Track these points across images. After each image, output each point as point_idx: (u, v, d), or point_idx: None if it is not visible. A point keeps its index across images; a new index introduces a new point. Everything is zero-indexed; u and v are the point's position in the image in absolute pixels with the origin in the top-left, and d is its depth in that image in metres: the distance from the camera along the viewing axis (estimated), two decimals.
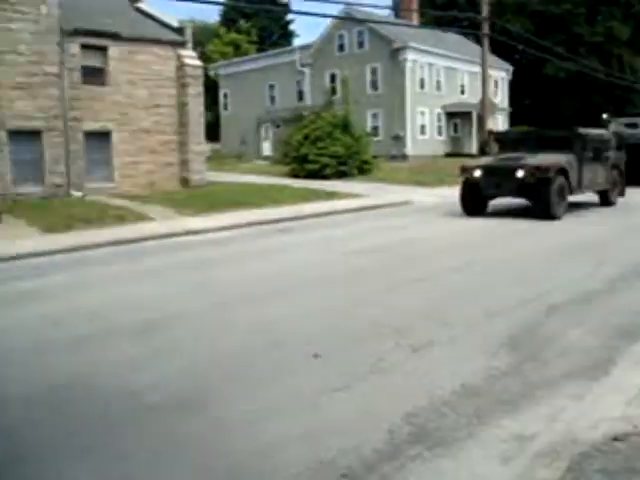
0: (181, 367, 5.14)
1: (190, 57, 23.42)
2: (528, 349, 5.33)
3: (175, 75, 23.11)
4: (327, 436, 3.90)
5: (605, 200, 16.88)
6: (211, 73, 49.18)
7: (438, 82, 38.71)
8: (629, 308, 6.63)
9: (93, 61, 21.26)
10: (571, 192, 14.71)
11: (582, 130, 15.70)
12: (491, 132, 18.06)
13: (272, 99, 44.05)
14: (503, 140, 17.56)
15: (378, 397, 4.43)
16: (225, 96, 47.74)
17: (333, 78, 38.91)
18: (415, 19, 42.24)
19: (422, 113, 37.19)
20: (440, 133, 38.70)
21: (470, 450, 3.69)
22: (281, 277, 8.74)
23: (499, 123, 41.86)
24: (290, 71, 42.04)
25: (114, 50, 21.52)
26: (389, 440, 3.82)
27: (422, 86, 37.34)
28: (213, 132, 49.39)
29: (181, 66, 23.06)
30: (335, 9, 60.94)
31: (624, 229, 13.03)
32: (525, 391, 4.46)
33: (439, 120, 38.62)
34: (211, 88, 50.69)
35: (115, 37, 21.45)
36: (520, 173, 13.95)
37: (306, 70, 41.04)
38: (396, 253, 10.32)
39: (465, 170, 15.35)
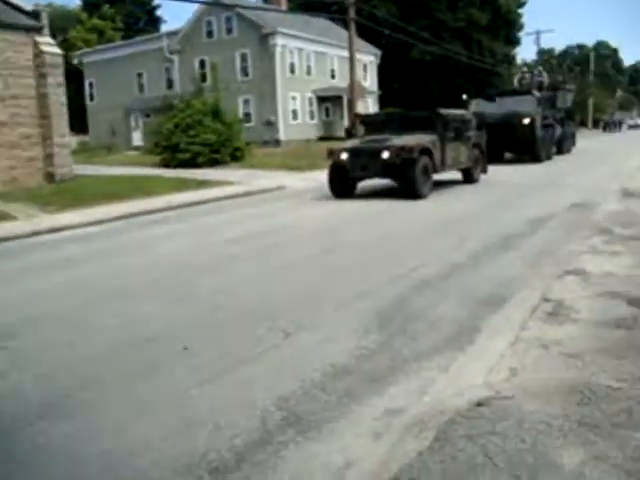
0: (43, 373, 4.81)
1: (48, 44, 22.11)
2: (397, 325, 5.44)
3: (33, 64, 21.74)
4: (198, 430, 3.78)
5: (468, 178, 17.51)
6: (74, 61, 46.94)
7: (308, 67, 38.99)
8: (492, 280, 6.94)
9: None
10: (435, 171, 15.15)
11: (443, 111, 16.12)
12: (357, 115, 18.22)
13: (141, 87, 42.72)
14: (369, 123, 17.71)
15: (250, 385, 4.36)
16: (91, 85, 45.82)
17: (202, 65, 38.22)
18: (283, 4, 42.22)
19: (293, 98, 37.35)
20: (312, 117, 39.05)
21: (342, 430, 3.70)
22: (148, 270, 8.42)
23: (369, 106, 42.78)
24: (158, 58, 40.89)
25: None
26: (261, 427, 3.76)
27: (292, 71, 37.47)
28: (81, 123, 47.25)
29: (39, 54, 21.70)
30: None
31: (487, 204, 13.54)
32: (395, 366, 4.53)
33: (311, 104, 38.95)
34: (75, 77, 48.42)
35: None
36: (385, 154, 14.17)
37: (175, 57, 40.08)
38: (268, 239, 10.24)
39: (332, 153, 15.43)
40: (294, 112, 37.41)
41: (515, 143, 24.78)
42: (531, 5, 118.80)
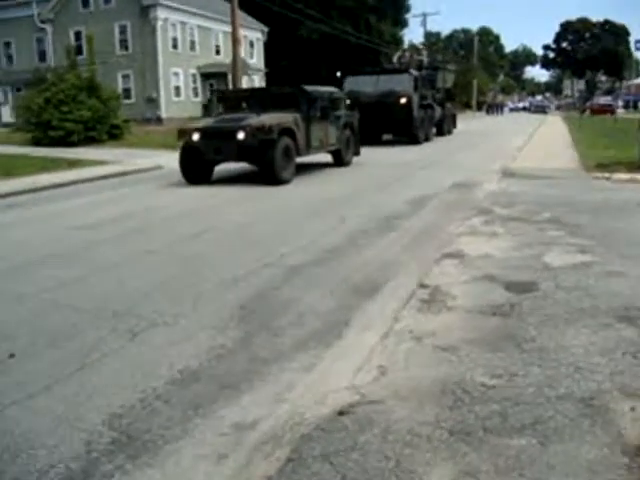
0: None
1: None
2: (260, 319, 4.91)
3: None
4: (9, 460, 3.11)
5: (339, 160, 16.26)
6: None
7: (192, 42, 37.59)
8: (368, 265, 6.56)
9: None
10: (299, 154, 13.84)
11: (308, 88, 14.86)
12: (214, 91, 17.01)
13: (9, 58, 39.74)
14: (227, 99, 16.15)
15: (81, 399, 3.69)
16: None
17: (78, 36, 35.91)
18: None
19: (176, 74, 35.91)
20: (196, 94, 37.75)
21: (181, 452, 3.14)
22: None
23: (255, 84, 41.94)
24: (29, 27, 38.11)
25: None
26: (84, 455, 3.13)
27: (175, 46, 35.99)
28: None
29: None
30: None
31: (360, 187, 12.84)
32: (251, 369, 4.01)
33: (194, 81, 37.63)
34: None
35: None
36: (241, 135, 12.56)
37: (47, 27, 37.50)
38: (130, 224, 9.32)
39: (183, 133, 13.68)
40: (177, 89, 35.97)
41: (391, 124, 23.63)
42: None
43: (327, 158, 16.43)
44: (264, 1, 33.52)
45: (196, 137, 13.21)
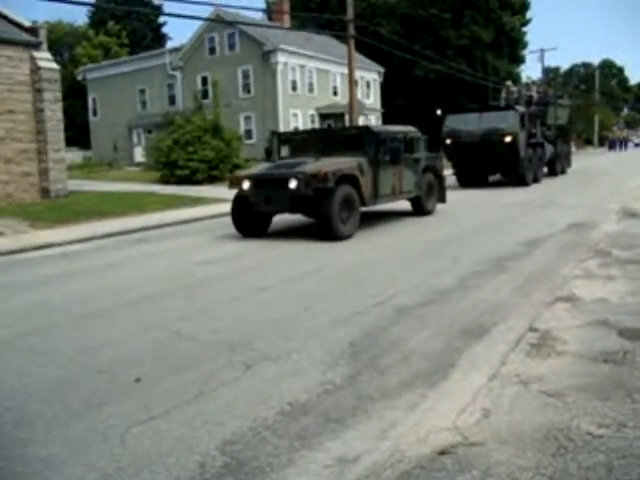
0: None
1: (45, 60, 21.97)
2: (368, 357, 5.05)
3: (29, 79, 21.60)
4: (130, 475, 3.42)
5: (419, 208, 14.51)
6: (79, 77, 47.05)
7: (310, 84, 38.83)
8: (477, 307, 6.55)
9: None
10: (364, 203, 12.25)
11: (377, 127, 13.99)
12: (274, 132, 15.54)
13: (143, 104, 42.64)
14: (290, 142, 14.47)
15: (197, 424, 3.97)
16: (94, 101, 45.77)
17: (205, 81, 38.10)
18: (287, 21, 42.19)
19: (295, 115, 37.14)
20: None
21: None
22: (118, 293, 7.97)
23: (372, 124, 42.59)
24: (161, 75, 40.86)
25: None
26: (198, 475, 3.39)
27: (294, 88, 37.30)
28: (86, 139, 47.26)
29: (36, 69, 21.58)
30: (206, 11, 59.93)
31: (460, 230, 12.33)
32: (357, 405, 4.15)
33: (313, 122, 38.72)
34: (80, 93, 48.52)
35: None
36: (293, 183, 11.21)
37: (177, 73, 40.01)
38: (246, 261, 9.86)
39: (234, 181, 12.42)
40: (296, 129, 37.23)
41: (496, 164, 22.24)
42: (535, 23, 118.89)
43: (406, 205, 14.89)
44: (380, 43, 34.13)
45: (246, 186, 11.94)
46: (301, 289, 7.77)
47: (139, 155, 40.43)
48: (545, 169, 25.95)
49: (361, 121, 27.09)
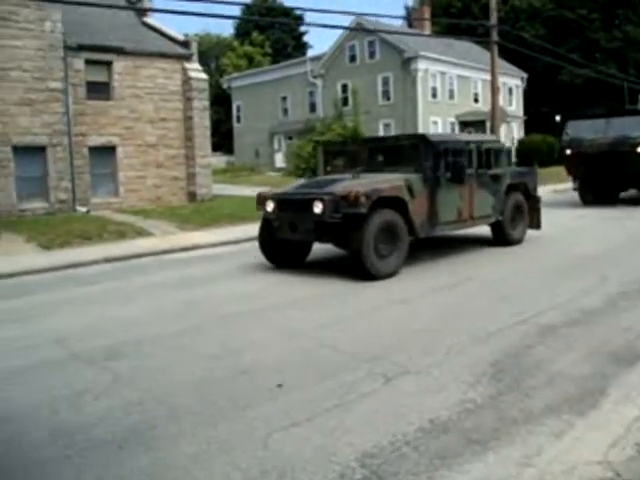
0: (134, 399, 4.78)
1: (195, 70, 23.25)
2: (511, 378, 4.89)
3: (181, 89, 22.97)
4: (270, 479, 3.53)
5: (500, 237, 11.79)
6: (224, 86, 49.31)
7: (451, 91, 38.30)
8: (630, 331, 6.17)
9: (98, 76, 21.16)
10: (414, 233, 9.85)
11: (435, 136, 11.13)
12: (318, 143, 12.88)
13: (285, 111, 43.92)
14: (339, 154, 12.12)
15: (338, 434, 4.03)
16: (238, 109, 47.74)
17: (345, 89, 38.64)
18: (427, 28, 41.92)
19: (435, 123, 36.77)
20: None
21: None
22: (261, 298, 8.33)
23: (514, 132, 41.35)
24: (302, 82, 41.89)
25: (119, 64, 21.41)
26: None
27: (434, 95, 36.94)
28: (229, 144, 49.47)
29: (187, 80, 22.91)
30: (347, 20, 60.88)
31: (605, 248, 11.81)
32: (499, 427, 4.03)
33: (453, 130, 38.15)
34: (225, 101, 50.85)
35: (120, 51, 21.35)
36: (318, 207, 9.13)
37: (318, 81, 40.85)
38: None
39: (261, 201, 10.34)
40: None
41: (627, 178, 18.53)
42: None
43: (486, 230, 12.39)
44: (523, 47, 33.05)
45: (270, 208, 10.08)
46: (440, 302, 7.68)
47: (280, 160, 41.71)
48: None
49: (503, 129, 26.35)
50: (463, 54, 39.42)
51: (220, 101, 52.00)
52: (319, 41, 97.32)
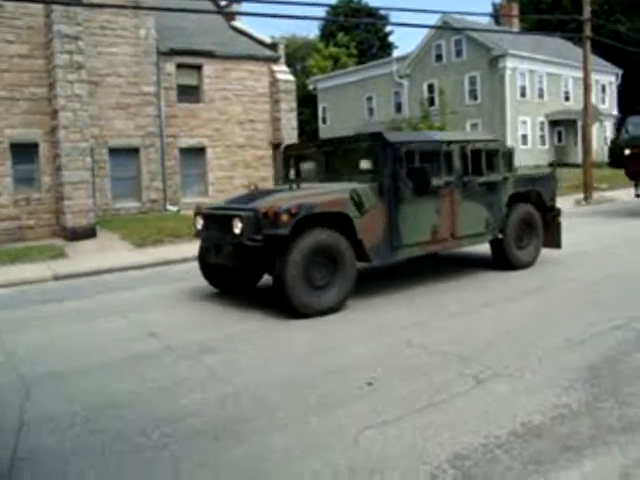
0: (228, 392, 4.93)
1: (283, 72, 23.60)
2: (608, 384, 4.73)
3: (268, 90, 23.37)
4: (363, 477, 3.56)
5: (501, 258, 9.75)
6: (310, 87, 49.80)
7: (540, 89, 37.21)
8: None
9: (188, 79, 21.83)
10: (365, 257, 8.06)
11: (394, 136, 8.75)
12: (277, 146, 10.75)
13: (370, 111, 43.90)
14: (300, 158, 9.95)
15: (429, 433, 4.02)
16: (324, 110, 48.10)
17: (431, 88, 38.26)
18: (516, 25, 40.91)
19: (524, 122, 35.82)
20: (543, 142, 37.10)
21: None
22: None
23: (607, 131, 39.81)
24: (388, 83, 41.76)
25: (208, 68, 22.00)
26: None
27: (523, 94, 36.00)
28: None
29: (274, 81, 23.29)
30: (433, 19, 60.22)
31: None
32: (596, 435, 3.91)
33: (542, 129, 37.07)
34: (311, 102, 51.34)
35: (209, 55, 21.94)
36: (237, 226, 7.52)
37: (404, 81, 40.61)
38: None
39: (195, 216, 8.86)
40: (524, 137, 35.87)
41: None
42: None
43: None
44: (619, 42, 31.72)
45: (199, 225, 8.64)
46: (531, 305, 7.51)
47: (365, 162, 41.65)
48: None
49: (595, 129, 25.39)
50: (553, 51, 38.24)
51: (306, 102, 52.52)
52: (404, 41, 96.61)
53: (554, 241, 10.38)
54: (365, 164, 8.53)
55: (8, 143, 16.82)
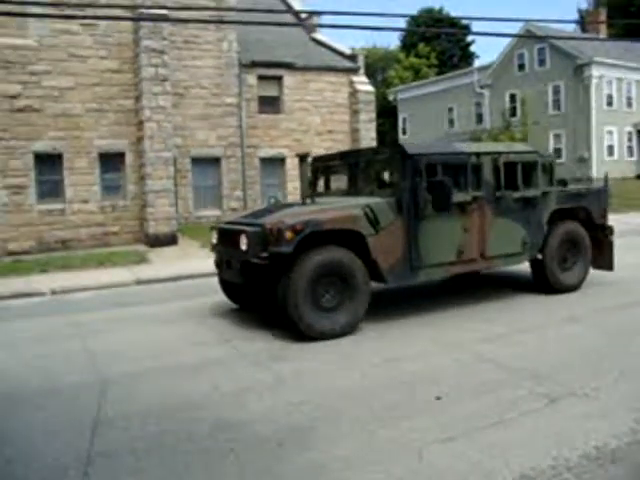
0: (295, 400, 4.98)
1: (362, 83, 23.68)
2: None
3: (348, 101, 23.49)
4: None
5: (542, 281, 9.03)
6: (390, 98, 49.77)
7: (628, 98, 35.81)
8: None
9: (269, 91, 22.22)
10: (379, 278, 7.56)
11: (414, 147, 7.95)
12: (303, 157, 10.94)
13: (450, 122, 43.41)
14: (326, 171, 9.61)
15: (496, 452, 3.93)
16: (404, 120, 47.93)
17: (513, 98, 37.47)
18: (602, 31, 39.57)
19: (610, 132, 34.56)
20: (631, 154, 35.67)
21: None
22: (425, 309, 8.32)
23: None
24: (469, 93, 41.21)
25: (289, 79, 22.33)
26: None
27: (610, 103, 34.76)
28: None
29: (353, 92, 23.39)
30: (515, 28, 59.10)
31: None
32: None
33: (630, 139, 35.67)
34: (391, 113, 51.28)
35: (290, 67, 22.27)
36: (244, 243, 7.27)
37: (485, 91, 39.97)
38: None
39: (211, 230, 8.74)
40: (610, 148, 34.60)
41: None
42: None
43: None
44: None
45: (215, 239, 8.46)
46: (615, 322, 7.24)
47: None
48: None
49: None
50: None
51: (386, 113, 52.45)
52: (486, 51, 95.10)
53: (605, 262, 9.55)
54: (384, 177, 8.27)
55: (97, 153, 17.61)
